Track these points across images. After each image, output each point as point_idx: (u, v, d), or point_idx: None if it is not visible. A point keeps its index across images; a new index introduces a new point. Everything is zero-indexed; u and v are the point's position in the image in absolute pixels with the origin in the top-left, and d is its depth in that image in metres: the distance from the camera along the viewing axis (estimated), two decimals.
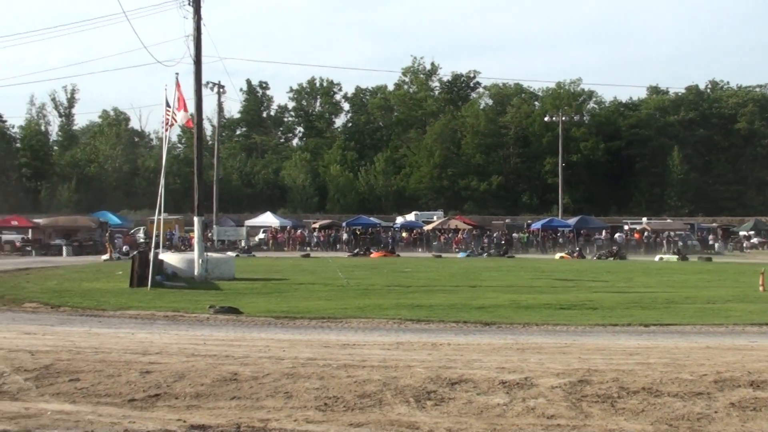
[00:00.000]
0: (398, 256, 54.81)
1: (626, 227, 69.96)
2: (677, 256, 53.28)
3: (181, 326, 14.92)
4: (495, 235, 66.40)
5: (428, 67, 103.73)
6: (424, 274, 34.33)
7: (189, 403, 8.04)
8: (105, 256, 45.37)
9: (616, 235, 65.11)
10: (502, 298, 21.79)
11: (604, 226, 68.71)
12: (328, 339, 13.07)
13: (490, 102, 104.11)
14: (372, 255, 54.44)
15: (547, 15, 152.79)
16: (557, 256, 55.68)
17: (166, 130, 27.48)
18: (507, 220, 74.93)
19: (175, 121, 25.69)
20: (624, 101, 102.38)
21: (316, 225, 70.82)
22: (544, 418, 7.45)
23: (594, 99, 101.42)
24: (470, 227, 68.37)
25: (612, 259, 53.29)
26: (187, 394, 8.36)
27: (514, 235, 66.71)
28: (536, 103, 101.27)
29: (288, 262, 44.73)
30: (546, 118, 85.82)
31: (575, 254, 56.28)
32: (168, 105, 25.49)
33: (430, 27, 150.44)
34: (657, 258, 53.68)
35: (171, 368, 9.52)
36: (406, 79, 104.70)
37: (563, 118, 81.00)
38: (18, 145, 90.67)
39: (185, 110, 25.70)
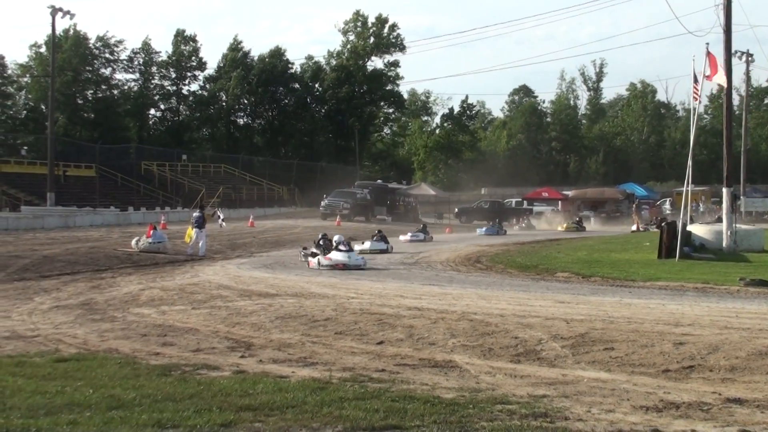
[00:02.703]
0: None
1: None
2: None
3: (711, 298, 14.59)
4: None
5: None
6: None
7: (723, 376, 7.98)
8: (632, 227, 45.97)
9: None
10: None
11: None
12: None
13: None
14: None
15: None
16: None
17: (695, 99, 26.45)
18: None
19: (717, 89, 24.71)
20: None
21: None
22: None
23: None
24: None
25: None
26: (722, 366, 8.30)
27: None
28: None
29: None
30: None
31: None
32: (695, 78, 24.77)
33: None
34: None
35: (704, 340, 9.48)
36: None
37: None
38: (548, 119, 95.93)
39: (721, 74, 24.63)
